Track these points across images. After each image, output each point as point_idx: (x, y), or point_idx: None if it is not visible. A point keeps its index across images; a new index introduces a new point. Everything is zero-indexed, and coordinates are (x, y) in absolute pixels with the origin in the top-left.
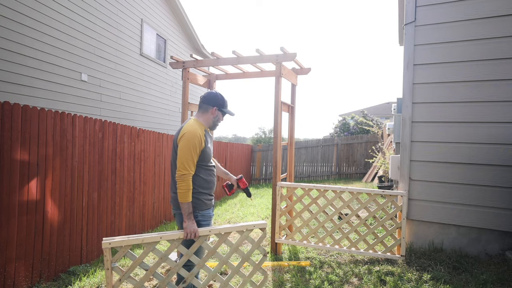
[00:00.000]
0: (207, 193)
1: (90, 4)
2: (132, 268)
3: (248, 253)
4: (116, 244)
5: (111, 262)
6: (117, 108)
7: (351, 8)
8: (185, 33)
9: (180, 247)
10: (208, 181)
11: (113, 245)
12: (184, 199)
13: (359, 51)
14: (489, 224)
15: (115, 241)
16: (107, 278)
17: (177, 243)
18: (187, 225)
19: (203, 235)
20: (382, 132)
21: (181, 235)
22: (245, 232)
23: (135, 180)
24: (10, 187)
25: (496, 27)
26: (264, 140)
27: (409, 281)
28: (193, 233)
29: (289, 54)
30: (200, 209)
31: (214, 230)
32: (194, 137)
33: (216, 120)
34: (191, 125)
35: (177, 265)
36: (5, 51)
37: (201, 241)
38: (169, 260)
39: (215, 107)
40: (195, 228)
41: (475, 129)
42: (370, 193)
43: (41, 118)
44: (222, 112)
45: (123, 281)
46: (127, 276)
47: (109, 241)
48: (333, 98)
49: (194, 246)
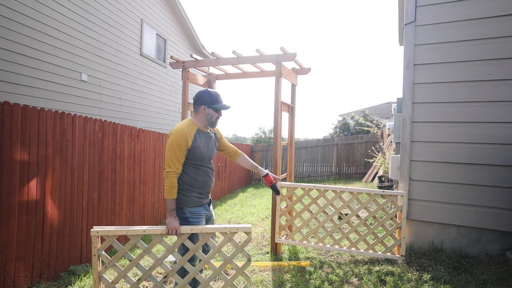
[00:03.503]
0: (196, 191)
1: (90, 4)
2: (117, 257)
3: (231, 256)
4: (103, 233)
5: (98, 249)
6: (117, 108)
7: (351, 8)
8: (185, 33)
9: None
10: (199, 180)
11: (101, 233)
12: (167, 195)
13: (359, 51)
14: (489, 224)
15: (103, 230)
16: (94, 263)
17: (160, 238)
18: (168, 221)
19: (185, 233)
20: (382, 132)
21: (163, 231)
22: (229, 235)
23: (135, 180)
24: (10, 187)
25: (496, 27)
26: (264, 140)
27: (409, 281)
28: (174, 230)
29: (289, 54)
30: (188, 206)
31: (196, 229)
32: (179, 136)
33: (209, 117)
34: (180, 124)
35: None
36: (5, 51)
37: (183, 238)
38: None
39: (203, 105)
40: (176, 225)
41: (475, 129)
42: (370, 193)
43: (41, 118)
44: (212, 108)
45: (108, 268)
46: (112, 264)
47: (97, 230)
48: (333, 98)
49: (176, 243)
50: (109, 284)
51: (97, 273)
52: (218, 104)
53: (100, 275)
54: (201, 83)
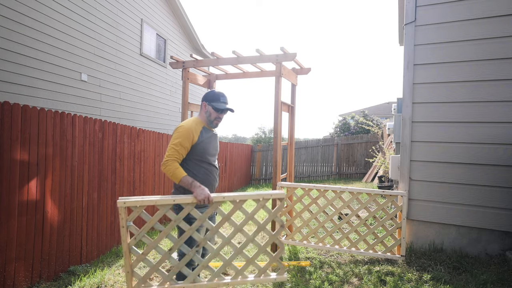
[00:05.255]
0: None
1: (90, 4)
2: (147, 227)
3: (264, 223)
4: (130, 204)
5: (126, 220)
6: (117, 108)
7: (351, 8)
8: (185, 33)
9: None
10: (202, 179)
11: (128, 204)
12: (177, 178)
13: (359, 51)
14: (489, 224)
15: (130, 201)
16: (123, 235)
17: (190, 207)
18: (196, 193)
19: (217, 201)
20: (382, 132)
21: (194, 200)
22: (261, 201)
23: (135, 180)
24: (10, 187)
25: (496, 27)
26: (264, 140)
27: (409, 281)
28: (206, 198)
29: (289, 54)
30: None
31: (228, 197)
32: (185, 130)
33: (208, 115)
34: (188, 120)
35: (190, 228)
36: (5, 51)
37: (215, 207)
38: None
39: (204, 101)
40: (206, 193)
41: (475, 129)
42: (370, 193)
43: (41, 118)
44: (212, 106)
45: (137, 239)
46: (142, 235)
47: (124, 200)
48: (333, 98)
49: (207, 212)
50: (139, 255)
51: (127, 245)
52: (218, 103)
53: (130, 247)
54: (201, 83)
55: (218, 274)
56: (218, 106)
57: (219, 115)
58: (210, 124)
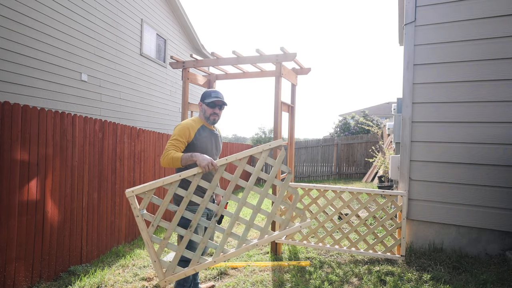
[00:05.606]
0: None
1: (90, 4)
2: (161, 211)
3: (272, 173)
4: (139, 191)
5: (139, 209)
6: (117, 108)
7: (351, 8)
8: (185, 33)
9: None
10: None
11: (136, 192)
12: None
13: (359, 51)
14: (489, 224)
15: (138, 189)
16: (140, 224)
17: (197, 177)
18: (199, 161)
19: (222, 165)
20: (382, 132)
21: (199, 169)
22: (263, 153)
23: (135, 180)
24: (10, 187)
25: (496, 27)
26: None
27: (409, 281)
28: (210, 164)
29: (289, 54)
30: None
31: (231, 158)
32: (182, 127)
33: (204, 113)
34: (187, 119)
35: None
36: (5, 51)
37: (221, 171)
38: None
39: (200, 101)
40: (209, 159)
41: (475, 129)
42: (370, 193)
43: (41, 118)
44: (206, 104)
45: (155, 226)
46: (159, 220)
47: (132, 189)
48: (333, 98)
49: (215, 178)
50: (162, 241)
51: (147, 234)
52: (209, 99)
53: (151, 236)
54: (201, 83)
55: (243, 239)
56: (209, 101)
57: (214, 110)
58: (207, 121)
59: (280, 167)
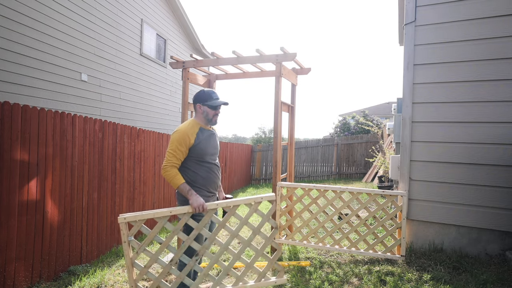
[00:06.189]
0: (203, 189)
1: (90, 4)
2: (148, 240)
3: (259, 226)
4: (130, 219)
5: (128, 235)
6: (117, 108)
7: (351, 8)
8: (185, 33)
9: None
10: (204, 177)
11: (128, 219)
12: (176, 184)
13: (359, 51)
14: (489, 224)
15: (130, 216)
16: (125, 250)
17: (187, 216)
18: (192, 201)
19: (211, 209)
20: (382, 132)
21: (190, 209)
22: (254, 205)
23: (135, 180)
24: (10, 187)
25: (496, 27)
26: (264, 140)
27: (409, 281)
28: (201, 206)
29: (289, 54)
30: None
31: (221, 204)
32: (181, 134)
33: (206, 115)
34: (183, 124)
35: (188, 238)
36: (5, 51)
37: (211, 214)
38: (160, 260)
39: (198, 104)
40: (201, 202)
41: (475, 129)
42: (370, 193)
43: (41, 118)
44: (207, 106)
45: (139, 253)
46: (143, 249)
47: (124, 216)
48: (333, 98)
49: (204, 220)
50: (142, 269)
51: (130, 260)
52: (212, 101)
53: (133, 261)
54: (201, 83)
55: (219, 282)
56: (213, 104)
57: (216, 111)
58: (210, 122)
59: (268, 221)
